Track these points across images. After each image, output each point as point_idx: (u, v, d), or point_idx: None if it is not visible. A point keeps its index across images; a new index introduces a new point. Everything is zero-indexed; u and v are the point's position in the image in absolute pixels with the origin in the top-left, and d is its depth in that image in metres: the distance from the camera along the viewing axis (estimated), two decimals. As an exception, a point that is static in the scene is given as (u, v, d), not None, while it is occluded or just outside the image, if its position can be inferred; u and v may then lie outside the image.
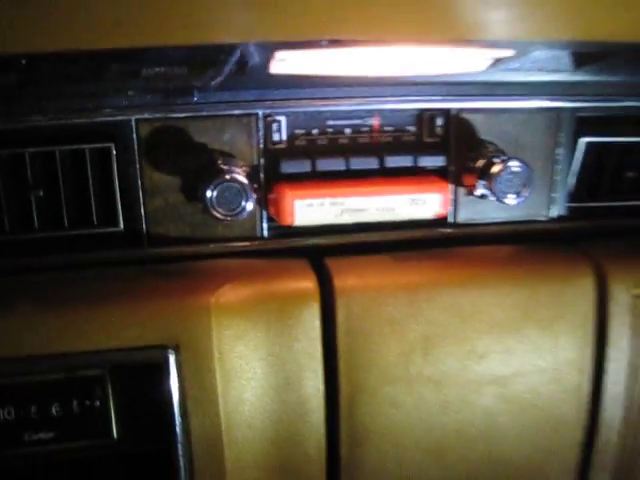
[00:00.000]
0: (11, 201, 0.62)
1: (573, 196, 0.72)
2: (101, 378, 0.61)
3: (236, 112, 0.62)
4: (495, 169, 0.63)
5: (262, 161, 0.63)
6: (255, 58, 0.53)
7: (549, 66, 0.61)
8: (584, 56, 0.60)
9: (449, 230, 0.69)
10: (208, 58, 0.53)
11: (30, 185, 0.61)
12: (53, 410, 0.62)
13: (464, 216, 0.69)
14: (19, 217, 0.62)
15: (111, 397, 0.60)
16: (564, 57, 0.60)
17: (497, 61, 0.59)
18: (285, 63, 0.57)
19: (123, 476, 0.63)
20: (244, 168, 0.61)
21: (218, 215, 0.58)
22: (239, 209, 0.58)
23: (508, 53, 0.57)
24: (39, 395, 0.61)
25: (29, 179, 0.61)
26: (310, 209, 0.62)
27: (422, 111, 0.66)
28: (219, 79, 0.54)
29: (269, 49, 0.51)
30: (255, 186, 0.61)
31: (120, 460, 0.63)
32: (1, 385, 0.60)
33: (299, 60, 0.57)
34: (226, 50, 0.51)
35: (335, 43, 0.48)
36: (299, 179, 0.63)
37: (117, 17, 0.45)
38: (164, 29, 0.45)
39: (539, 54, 0.58)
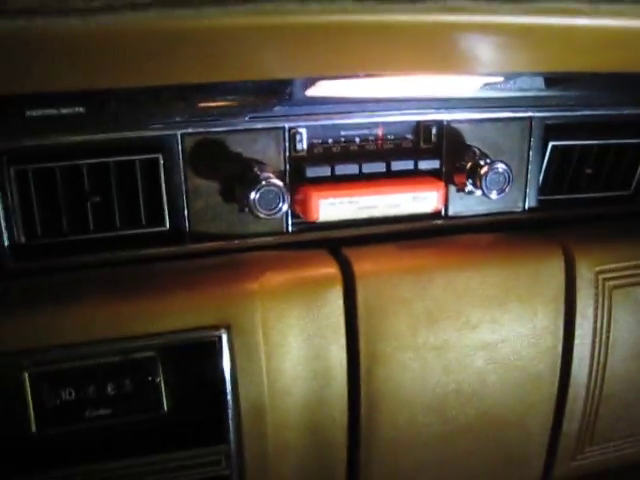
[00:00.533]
0: (70, 206, 0.71)
1: (543, 190, 0.85)
2: (156, 357, 0.71)
3: (266, 126, 0.72)
4: (483, 170, 0.75)
5: (288, 167, 0.74)
6: (300, 89, 0.64)
7: (524, 86, 0.74)
8: (552, 80, 0.74)
9: (442, 222, 0.81)
10: (266, 90, 0.64)
11: (87, 192, 0.71)
12: (114, 389, 0.72)
13: (454, 210, 0.81)
14: (77, 220, 0.71)
15: (169, 373, 0.71)
16: (536, 81, 0.73)
17: (483, 84, 0.72)
18: (310, 88, 0.68)
19: (178, 443, 0.73)
20: (274, 173, 0.72)
21: (260, 215, 0.68)
22: (277, 209, 0.69)
23: (492, 79, 0.70)
24: (106, 374, 0.71)
25: (86, 187, 0.71)
26: (332, 207, 0.73)
27: (419, 122, 0.78)
28: (271, 107, 0.65)
29: (314, 81, 0.62)
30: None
31: (174, 429, 0.73)
32: (71, 368, 0.70)
33: (321, 85, 0.69)
34: (283, 84, 0.61)
35: (369, 75, 0.59)
36: (320, 182, 0.74)
37: (183, 57, 0.55)
38: (230, 69, 0.56)
39: (517, 79, 0.71)
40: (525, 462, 0.87)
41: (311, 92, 0.70)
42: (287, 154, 0.74)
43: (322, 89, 0.70)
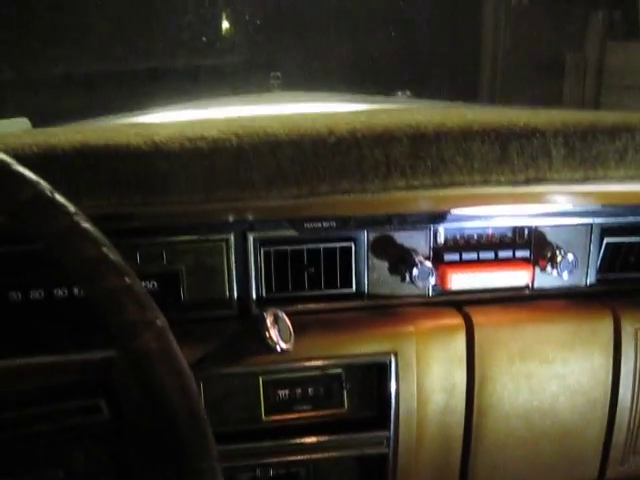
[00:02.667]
0: (294, 273, 1.12)
1: (599, 271, 1.21)
2: (343, 373, 1.11)
3: (418, 227, 1.14)
4: (558, 259, 1.14)
5: (432, 253, 1.15)
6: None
7: (587, 208, 1.14)
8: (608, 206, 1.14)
9: (529, 292, 1.20)
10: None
11: (305, 265, 1.13)
12: (313, 392, 1.12)
13: (538, 284, 1.19)
14: (298, 282, 1.12)
15: (351, 383, 1.11)
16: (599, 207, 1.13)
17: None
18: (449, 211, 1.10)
19: (355, 429, 1.12)
20: (424, 257, 1.13)
21: (418, 284, 1.09)
22: (428, 281, 1.10)
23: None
24: (309, 382, 1.11)
25: (305, 262, 1.12)
26: (459, 280, 1.13)
27: (516, 226, 1.18)
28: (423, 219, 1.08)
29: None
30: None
31: (353, 420, 1.13)
32: (287, 377, 1.10)
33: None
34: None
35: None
36: (452, 263, 1.14)
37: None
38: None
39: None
40: (585, 463, 1.20)
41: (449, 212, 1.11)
42: (431, 245, 1.15)
43: (455, 210, 1.11)
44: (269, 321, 0.93)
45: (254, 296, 1.11)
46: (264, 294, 1.11)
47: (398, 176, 0.82)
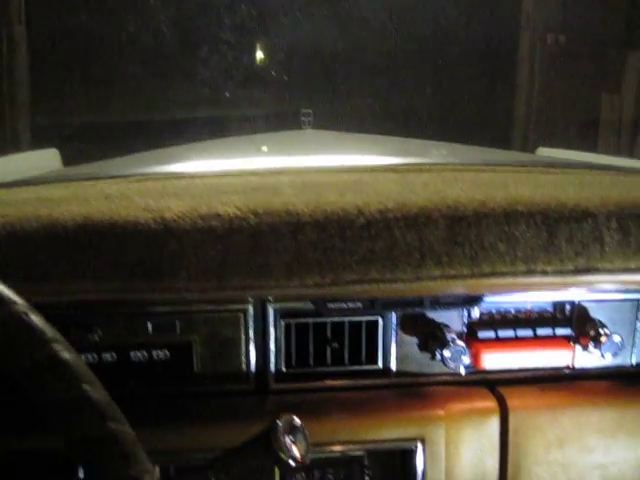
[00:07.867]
0: (316, 348, 1.05)
1: None
2: (365, 456, 1.03)
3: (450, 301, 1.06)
4: (603, 339, 1.06)
5: (465, 329, 1.07)
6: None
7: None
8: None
9: (569, 372, 1.11)
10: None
11: (328, 339, 1.05)
12: (334, 475, 1.04)
13: (579, 363, 1.11)
14: (320, 357, 1.05)
15: (374, 469, 1.03)
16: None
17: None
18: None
19: None
20: (456, 334, 1.04)
21: (450, 365, 1.01)
22: (460, 361, 1.02)
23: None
24: (329, 464, 1.03)
25: (328, 336, 1.05)
26: (494, 359, 1.05)
27: (557, 301, 1.09)
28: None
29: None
30: (464, 346, 1.04)
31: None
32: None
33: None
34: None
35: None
36: (486, 341, 1.06)
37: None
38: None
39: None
40: None
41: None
42: (465, 321, 1.07)
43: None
44: (283, 431, 0.83)
45: (272, 370, 1.05)
46: (283, 368, 1.05)
47: (433, 265, 0.75)
